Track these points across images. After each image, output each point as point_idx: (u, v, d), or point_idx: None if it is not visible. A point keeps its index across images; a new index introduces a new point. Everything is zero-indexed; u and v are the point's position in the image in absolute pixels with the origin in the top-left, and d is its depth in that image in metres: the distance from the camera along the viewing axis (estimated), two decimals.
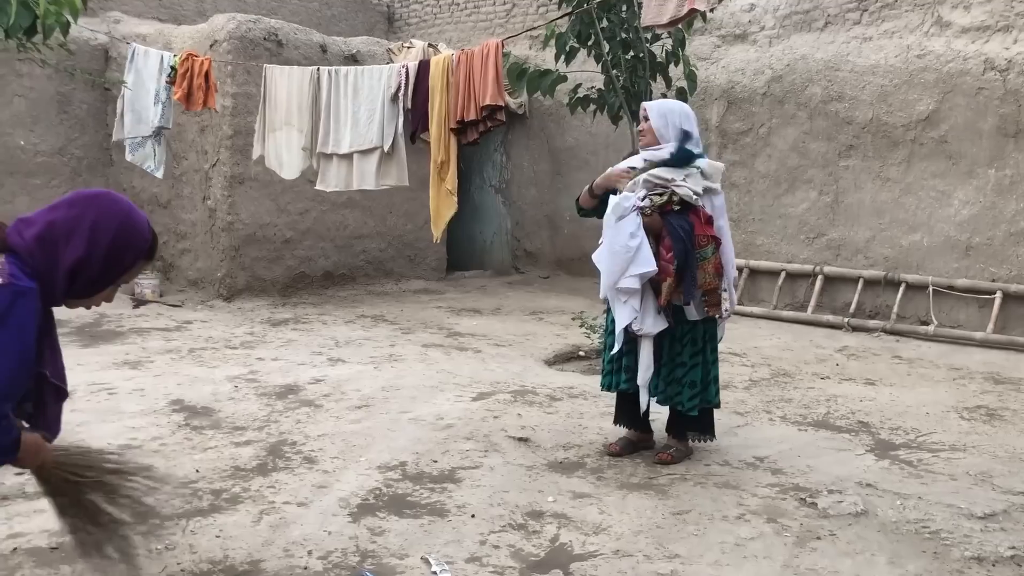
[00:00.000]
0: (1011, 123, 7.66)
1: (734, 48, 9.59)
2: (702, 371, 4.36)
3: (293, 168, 6.55)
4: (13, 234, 2.21)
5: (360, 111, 6.19)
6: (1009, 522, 3.74)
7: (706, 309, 4.25)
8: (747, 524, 3.69)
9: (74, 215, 2.23)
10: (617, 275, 4.14)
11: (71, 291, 2.27)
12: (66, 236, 2.21)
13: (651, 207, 4.17)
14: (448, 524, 3.64)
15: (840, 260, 8.72)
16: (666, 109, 4.39)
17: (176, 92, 6.65)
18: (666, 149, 4.27)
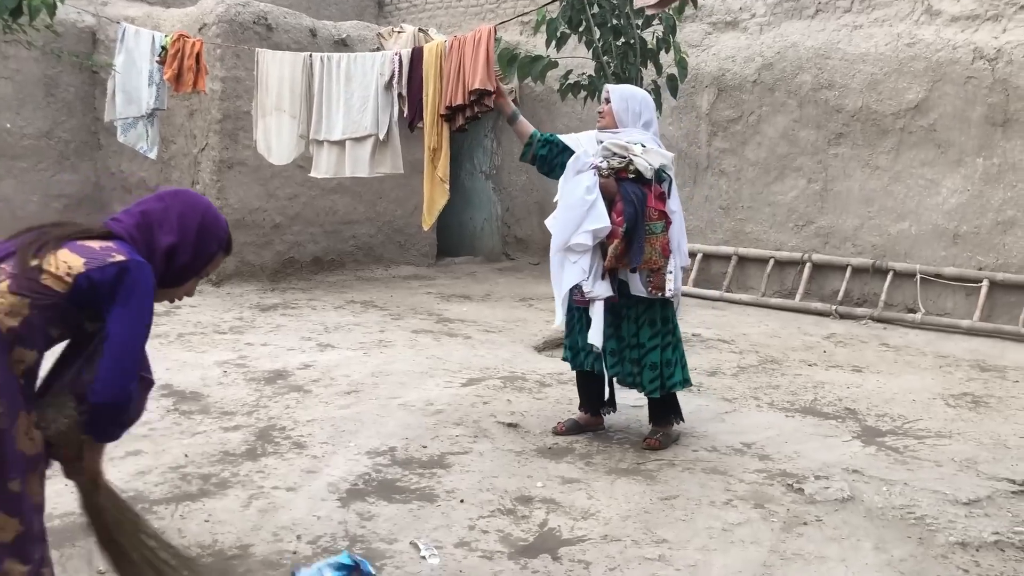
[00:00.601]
0: (999, 112, 7.69)
1: (725, 35, 9.59)
2: (659, 353, 4.38)
3: (283, 154, 6.51)
4: (113, 224, 2.34)
5: (353, 98, 6.16)
6: (993, 508, 3.77)
7: (650, 289, 4.27)
8: (734, 509, 3.71)
9: (163, 206, 2.39)
10: (571, 231, 4.15)
11: (166, 277, 2.38)
12: (159, 223, 2.36)
13: (608, 169, 4.21)
14: (437, 509, 3.65)
15: (828, 248, 8.76)
16: (628, 94, 4.46)
17: (166, 72, 6.60)
18: (623, 134, 4.33)
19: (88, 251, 2.21)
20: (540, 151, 4.50)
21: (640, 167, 4.20)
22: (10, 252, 2.20)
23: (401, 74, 5.87)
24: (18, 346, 2.15)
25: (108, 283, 2.17)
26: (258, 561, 3.17)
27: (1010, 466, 4.29)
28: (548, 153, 4.49)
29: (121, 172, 10.03)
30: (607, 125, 4.44)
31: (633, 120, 4.39)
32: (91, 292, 2.17)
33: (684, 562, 3.24)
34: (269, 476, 3.96)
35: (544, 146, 4.50)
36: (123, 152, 9.81)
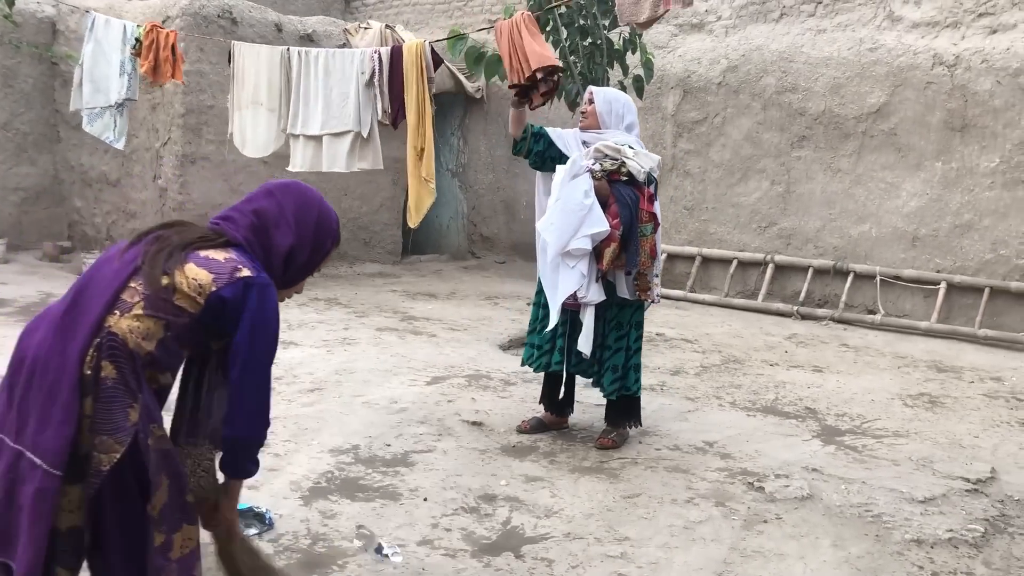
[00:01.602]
0: (958, 117, 7.83)
1: (691, 37, 9.66)
2: (624, 356, 4.41)
3: (259, 147, 6.44)
4: (227, 227, 2.22)
5: (332, 93, 6.11)
6: (948, 506, 3.85)
7: (637, 293, 4.30)
8: (696, 507, 3.75)
9: (276, 204, 2.27)
10: (569, 235, 4.13)
11: (283, 279, 2.30)
12: (275, 223, 2.25)
13: (601, 172, 4.22)
14: (400, 507, 3.64)
15: (791, 249, 8.86)
16: (612, 97, 4.49)
17: (142, 65, 6.48)
18: (608, 135, 4.35)
19: (214, 265, 2.10)
20: (535, 146, 4.46)
21: (633, 169, 4.22)
22: (136, 267, 2.08)
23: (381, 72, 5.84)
24: (152, 369, 2.07)
25: (237, 301, 2.08)
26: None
27: (964, 465, 4.38)
28: (543, 147, 4.47)
29: (81, 165, 9.88)
30: (589, 126, 4.45)
31: (616, 122, 4.41)
32: (221, 311, 2.08)
33: (646, 559, 3.26)
34: None
35: (538, 140, 4.47)
36: (83, 145, 9.66)
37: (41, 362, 1.98)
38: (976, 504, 3.88)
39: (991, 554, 3.41)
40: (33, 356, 2.01)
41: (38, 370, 1.98)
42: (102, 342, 1.98)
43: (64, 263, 9.43)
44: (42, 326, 2.07)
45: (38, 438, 1.94)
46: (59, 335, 2.00)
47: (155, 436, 2.04)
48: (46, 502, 1.91)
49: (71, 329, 2.00)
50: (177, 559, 2.09)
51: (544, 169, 4.50)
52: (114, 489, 1.99)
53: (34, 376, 1.98)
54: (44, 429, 1.94)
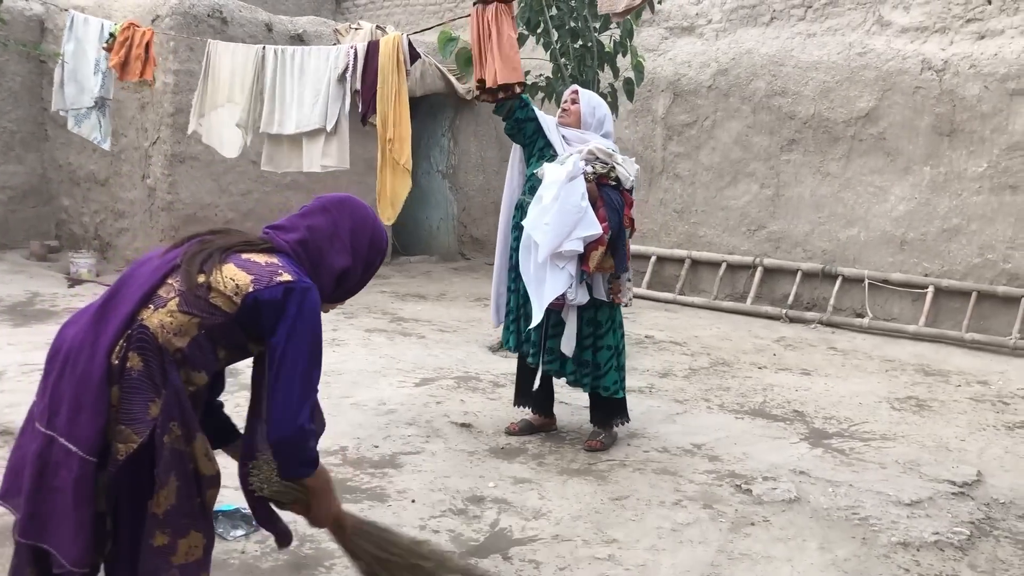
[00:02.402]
0: (946, 122, 7.87)
1: (681, 40, 9.68)
2: (604, 355, 4.43)
3: (234, 146, 6.42)
4: (276, 236, 2.21)
5: (306, 92, 6.09)
6: (934, 509, 3.86)
7: (610, 295, 4.33)
8: (684, 510, 3.75)
9: (331, 221, 2.26)
10: (563, 236, 4.14)
11: (332, 296, 2.30)
12: (330, 242, 2.24)
13: (592, 174, 4.26)
14: (388, 509, 3.63)
15: (780, 252, 8.88)
16: (596, 102, 4.59)
17: (112, 60, 6.43)
18: (588, 137, 4.42)
19: (255, 267, 2.09)
20: (518, 112, 4.55)
21: (621, 176, 4.30)
22: (175, 265, 2.09)
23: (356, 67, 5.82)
24: (186, 368, 2.06)
25: (274, 304, 2.05)
26: None
27: (951, 468, 4.40)
28: (524, 116, 4.56)
29: (69, 164, 9.83)
30: (570, 123, 4.51)
31: (596, 126, 4.50)
32: (257, 313, 2.06)
33: (633, 562, 3.27)
34: None
35: (523, 109, 4.56)
36: (71, 144, 9.61)
37: (74, 352, 2.02)
38: (962, 507, 3.90)
39: (976, 557, 3.43)
40: (68, 347, 2.04)
41: (71, 360, 2.01)
42: (132, 334, 2.00)
43: (51, 262, 9.38)
44: (81, 319, 2.09)
45: (73, 426, 1.96)
46: (93, 327, 2.03)
47: (173, 435, 2.03)
48: (86, 487, 1.95)
49: (104, 322, 2.03)
50: (180, 565, 2.07)
51: (516, 139, 4.61)
52: (130, 482, 2.01)
53: (67, 366, 2.01)
54: (78, 416, 1.97)
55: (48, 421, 2.00)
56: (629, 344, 6.91)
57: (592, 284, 4.34)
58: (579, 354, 4.41)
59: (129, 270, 2.15)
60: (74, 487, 1.95)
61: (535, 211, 4.22)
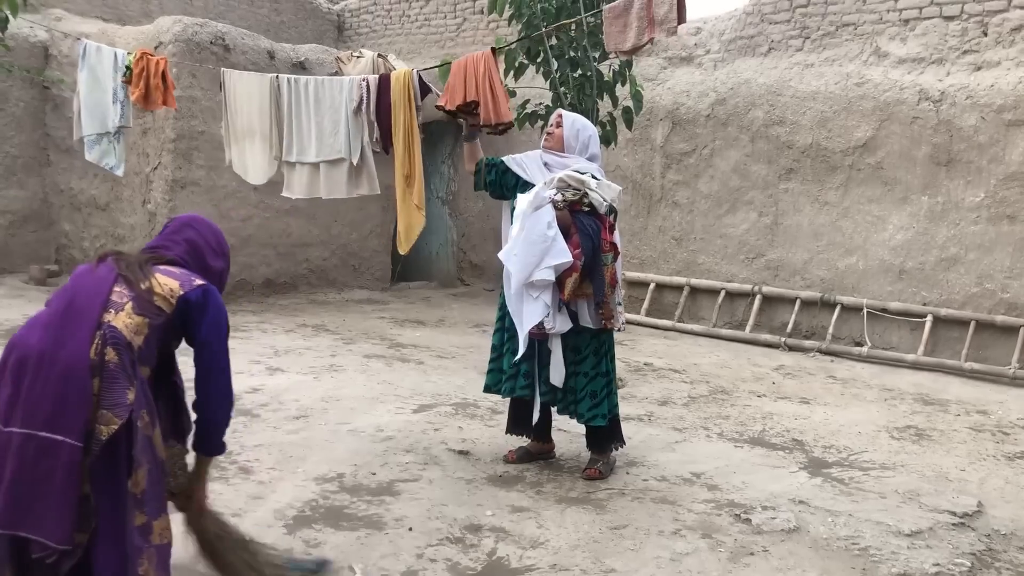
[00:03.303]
0: (943, 152, 7.91)
1: (680, 70, 9.75)
2: (603, 382, 4.42)
3: (260, 173, 6.45)
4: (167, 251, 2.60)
5: (324, 121, 6.13)
6: (934, 539, 3.84)
7: (602, 321, 4.33)
8: (682, 539, 3.73)
9: (199, 234, 2.67)
10: (532, 267, 4.14)
11: None
12: (207, 251, 2.66)
13: (563, 202, 4.25)
14: (385, 537, 3.61)
15: (778, 280, 8.90)
16: (580, 124, 4.55)
17: (133, 93, 6.48)
18: (570, 161, 4.41)
19: (176, 275, 2.49)
20: (488, 176, 4.58)
21: (594, 201, 4.26)
22: (115, 276, 2.41)
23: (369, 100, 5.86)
24: (140, 363, 2.37)
25: (198, 304, 2.45)
26: None
27: (951, 498, 4.37)
28: (495, 177, 4.57)
29: (71, 189, 9.86)
30: (553, 147, 4.51)
31: (581, 149, 4.48)
32: (186, 312, 2.44)
33: None
34: (214, 501, 3.87)
35: (491, 171, 4.58)
36: (73, 169, 9.66)
37: (48, 357, 2.24)
38: (963, 538, 3.88)
39: None
40: (38, 353, 2.25)
41: (45, 363, 2.23)
42: (104, 333, 2.30)
43: (51, 287, 9.38)
44: (35, 331, 2.32)
45: (59, 417, 2.19)
46: (59, 333, 2.28)
47: (144, 421, 2.33)
48: (76, 471, 2.19)
49: (71, 327, 2.28)
50: (156, 545, 2.34)
51: (505, 198, 4.58)
52: (109, 463, 2.26)
53: (41, 368, 2.23)
54: (64, 408, 2.20)
55: (22, 421, 2.20)
56: (628, 371, 6.92)
57: (577, 311, 4.34)
58: (580, 385, 4.39)
59: (70, 286, 2.43)
60: (64, 472, 2.17)
61: (511, 242, 4.27)
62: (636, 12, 4.85)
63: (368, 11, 13.39)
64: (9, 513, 2.17)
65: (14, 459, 2.18)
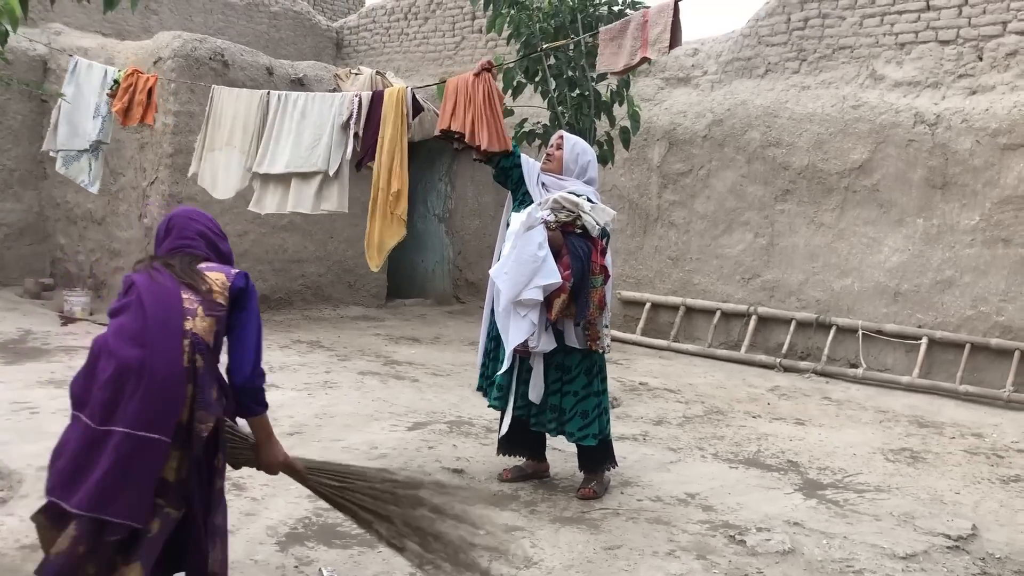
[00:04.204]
0: (939, 175, 7.94)
1: (677, 91, 9.80)
2: (594, 401, 4.41)
3: (228, 188, 6.43)
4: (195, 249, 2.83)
5: (304, 133, 6.12)
6: (929, 563, 3.83)
7: (588, 343, 4.34)
8: (677, 560, 3.71)
9: (204, 226, 2.90)
10: (521, 286, 4.18)
11: None
12: (217, 237, 2.91)
13: (555, 223, 4.28)
14: (378, 555, 3.59)
15: (774, 301, 8.90)
16: (581, 148, 4.60)
17: (115, 105, 6.51)
18: (568, 183, 4.45)
19: (218, 269, 2.78)
20: (504, 162, 4.63)
21: (587, 223, 4.30)
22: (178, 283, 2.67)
23: (360, 115, 5.87)
24: (216, 359, 2.69)
25: (242, 289, 2.74)
26: None
27: (946, 521, 4.36)
28: (509, 165, 4.63)
29: (67, 203, 9.86)
30: (552, 170, 4.55)
31: (579, 173, 4.52)
32: (237, 297, 2.73)
33: None
34: None
35: (508, 157, 4.64)
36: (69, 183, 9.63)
37: (148, 368, 2.52)
38: (957, 561, 3.87)
39: None
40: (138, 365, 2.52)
41: (146, 374, 2.51)
42: (192, 341, 2.60)
43: (45, 300, 9.36)
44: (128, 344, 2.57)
45: (158, 420, 2.51)
46: (154, 345, 2.55)
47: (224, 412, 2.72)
48: (161, 464, 2.53)
49: (163, 339, 2.56)
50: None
51: (504, 185, 4.70)
52: (204, 451, 2.64)
53: (142, 379, 2.51)
54: (164, 413, 2.52)
55: (124, 422, 2.49)
56: (623, 391, 6.91)
57: (564, 331, 4.35)
58: (546, 399, 4.40)
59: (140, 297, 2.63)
60: (152, 465, 2.51)
61: (502, 260, 4.30)
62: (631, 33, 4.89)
63: (367, 28, 13.45)
64: (97, 499, 2.45)
65: (111, 453, 2.47)
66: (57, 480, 2.54)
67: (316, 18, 13.80)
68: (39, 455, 4.43)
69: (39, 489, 3.92)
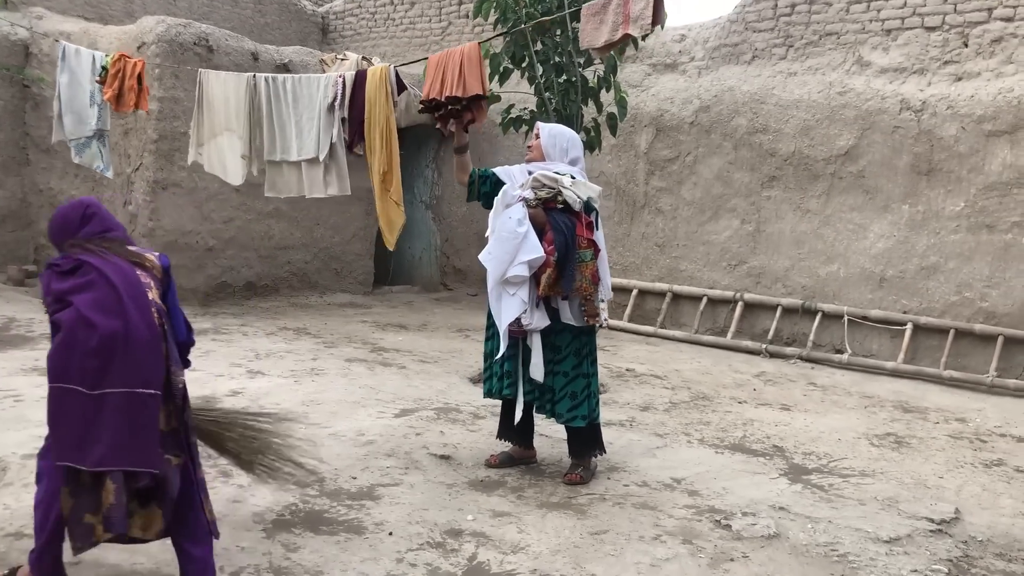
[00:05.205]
0: (924, 161, 7.98)
1: (664, 77, 9.79)
2: (583, 382, 4.42)
3: (238, 174, 6.40)
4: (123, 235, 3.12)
5: (303, 120, 6.10)
6: (912, 546, 3.86)
7: (585, 318, 4.34)
8: (663, 545, 3.73)
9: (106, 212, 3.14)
10: (506, 263, 4.21)
11: None
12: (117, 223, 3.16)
13: (536, 200, 4.30)
14: (365, 541, 3.59)
15: (760, 288, 8.94)
16: (556, 132, 4.62)
17: (106, 92, 6.44)
18: (553, 167, 4.46)
19: (146, 250, 3.11)
20: (483, 188, 4.59)
21: (568, 198, 4.32)
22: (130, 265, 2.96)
23: (344, 96, 5.83)
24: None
25: (167, 268, 3.11)
26: None
27: (929, 505, 4.40)
28: (489, 189, 4.57)
29: (50, 189, 9.78)
30: (534, 159, 4.59)
31: (560, 155, 4.54)
32: (167, 275, 3.09)
33: None
34: None
35: (484, 182, 4.59)
36: (52, 169, 9.58)
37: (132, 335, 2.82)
38: (940, 544, 3.90)
39: None
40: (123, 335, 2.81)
41: (131, 340, 2.81)
42: (156, 309, 2.95)
43: (29, 287, 9.29)
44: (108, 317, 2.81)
45: (150, 377, 2.84)
46: (131, 315, 2.84)
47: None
48: (157, 413, 2.87)
49: (139, 310, 2.87)
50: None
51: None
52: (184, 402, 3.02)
53: (128, 344, 2.81)
54: (153, 370, 2.86)
55: (121, 383, 2.78)
56: (610, 377, 6.93)
57: (559, 309, 4.35)
58: (559, 385, 4.40)
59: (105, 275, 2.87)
60: (154, 417, 2.84)
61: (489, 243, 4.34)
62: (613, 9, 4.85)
63: (353, 14, 13.37)
64: (118, 453, 2.75)
65: (116, 412, 2.76)
66: (65, 446, 2.77)
67: (302, 3, 13.70)
68: (23, 443, 4.42)
69: (24, 477, 3.92)
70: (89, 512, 2.76)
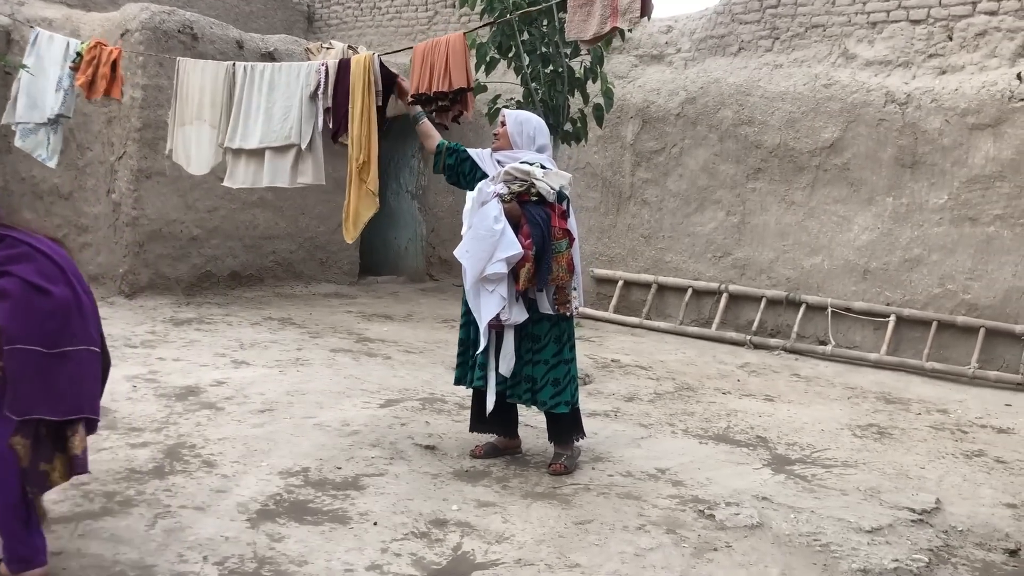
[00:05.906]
0: (908, 154, 8.02)
1: (651, 68, 9.79)
2: (564, 369, 4.44)
3: (202, 164, 6.34)
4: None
5: (274, 107, 6.03)
6: (894, 536, 3.90)
7: (556, 307, 4.35)
8: (647, 535, 3.75)
9: None
10: (484, 261, 4.19)
11: None
12: None
13: (509, 194, 4.29)
14: (350, 531, 3.59)
15: (745, 279, 8.97)
16: (523, 119, 4.60)
17: (79, 78, 6.38)
18: (522, 155, 4.46)
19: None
20: (448, 160, 4.58)
21: (542, 190, 4.30)
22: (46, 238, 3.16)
23: (327, 85, 5.79)
24: None
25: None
26: None
27: (911, 495, 4.44)
28: (454, 162, 4.57)
29: (32, 177, 9.69)
30: (501, 147, 4.56)
31: (527, 143, 4.52)
32: None
33: None
34: (176, 495, 3.85)
35: (451, 155, 4.58)
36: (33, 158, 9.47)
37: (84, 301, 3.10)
38: (921, 534, 3.94)
39: None
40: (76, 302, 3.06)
41: (83, 303, 3.08)
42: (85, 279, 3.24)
43: None
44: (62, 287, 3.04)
45: (96, 335, 3.15)
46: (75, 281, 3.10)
47: None
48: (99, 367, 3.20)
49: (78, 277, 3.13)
50: None
51: (460, 185, 4.62)
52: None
53: (81, 309, 3.07)
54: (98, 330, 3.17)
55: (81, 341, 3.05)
56: (595, 368, 6.95)
57: (536, 299, 4.36)
58: (518, 369, 4.40)
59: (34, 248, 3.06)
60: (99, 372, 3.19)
61: (463, 240, 4.32)
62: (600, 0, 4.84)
63: (339, 2, 13.30)
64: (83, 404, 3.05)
65: (85, 367, 3.07)
66: (32, 402, 2.95)
67: None
68: None
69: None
70: (44, 461, 2.99)
